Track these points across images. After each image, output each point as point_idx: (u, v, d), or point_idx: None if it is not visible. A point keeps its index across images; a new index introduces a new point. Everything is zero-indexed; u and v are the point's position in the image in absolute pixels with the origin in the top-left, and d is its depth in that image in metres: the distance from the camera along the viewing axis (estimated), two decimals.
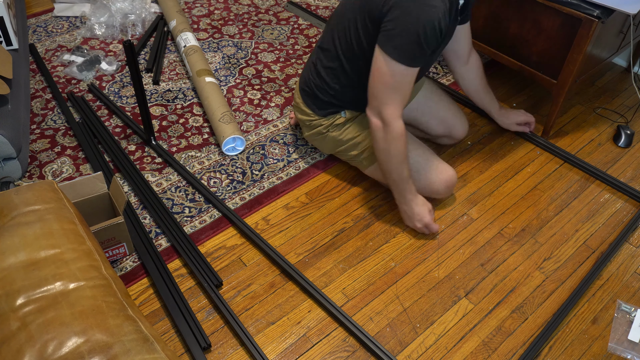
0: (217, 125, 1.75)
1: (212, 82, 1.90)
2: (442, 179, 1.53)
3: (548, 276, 1.46)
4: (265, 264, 1.46)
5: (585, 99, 2.07)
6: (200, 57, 2.01)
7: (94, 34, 2.25)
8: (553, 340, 1.32)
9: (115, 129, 1.83)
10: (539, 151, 1.83)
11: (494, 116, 1.83)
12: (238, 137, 1.74)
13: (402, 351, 1.29)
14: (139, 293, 1.37)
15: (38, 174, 1.66)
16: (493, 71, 2.17)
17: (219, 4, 2.53)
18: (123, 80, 2.04)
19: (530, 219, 1.61)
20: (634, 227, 1.59)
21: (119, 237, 1.37)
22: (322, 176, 1.71)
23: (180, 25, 2.19)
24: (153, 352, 0.90)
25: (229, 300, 1.37)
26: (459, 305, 1.39)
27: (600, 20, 1.55)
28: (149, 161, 1.72)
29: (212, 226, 1.54)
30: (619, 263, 1.50)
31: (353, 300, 1.39)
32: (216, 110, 1.78)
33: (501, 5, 1.80)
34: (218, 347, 1.27)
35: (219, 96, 1.84)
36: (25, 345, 0.86)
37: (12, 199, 1.08)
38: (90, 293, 0.95)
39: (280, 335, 1.31)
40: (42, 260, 0.98)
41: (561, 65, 1.71)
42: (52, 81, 1.99)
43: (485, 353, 1.29)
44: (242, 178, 1.69)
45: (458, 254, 1.51)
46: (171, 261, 1.45)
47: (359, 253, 1.50)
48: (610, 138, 1.90)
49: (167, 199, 1.60)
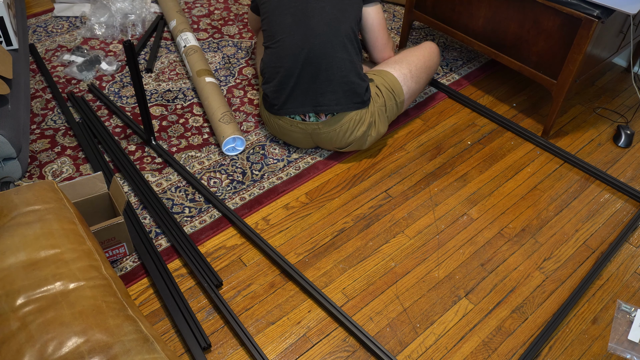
0: (217, 125, 1.75)
1: (212, 82, 1.90)
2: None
3: (548, 276, 1.46)
4: (265, 264, 1.46)
5: (585, 99, 2.07)
6: (200, 57, 2.01)
7: (94, 34, 2.25)
8: (553, 340, 1.32)
9: (115, 129, 1.83)
10: (539, 151, 1.83)
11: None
12: (238, 137, 1.74)
13: (402, 351, 1.29)
14: (139, 293, 1.37)
15: (38, 174, 1.66)
16: (493, 71, 2.17)
17: (219, 4, 2.53)
18: (123, 80, 2.04)
19: (530, 219, 1.61)
20: (634, 227, 1.59)
21: (119, 237, 1.37)
22: (322, 176, 1.71)
23: (180, 25, 2.19)
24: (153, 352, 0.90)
25: (229, 300, 1.37)
26: (459, 305, 1.39)
27: (600, 20, 1.55)
28: (149, 161, 1.72)
29: (212, 226, 1.54)
30: (619, 263, 1.50)
31: (353, 300, 1.39)
32: (216, 110, 1.78)
33: (501, 5, 1.80)
34: (218, 347, 1.27)
35: (219, 96, 1.84)
36: (25, 345, 0.86)
37: (12, 199, 1.08)
38: (90, 293, 0.95)
39: (280, 335, 1.31)
40: (42, 260, 0.98)
41: (561, 65, 1.71)
42: (52, 81, 1.99)
43: (485, 353, 1.29)
44: (242, 178, 1.69)
45: (458, 254, 1.51)
46: (171, 261, 1.45)
47: (359, 253, 1.50)
48: (610, 138, 1.90)
49: (167, 199, 1.60)
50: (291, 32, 1.60)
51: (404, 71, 1.75)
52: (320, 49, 1.58)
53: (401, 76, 1.74)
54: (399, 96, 1.73)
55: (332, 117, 1.63)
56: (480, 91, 2.07)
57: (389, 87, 1.71)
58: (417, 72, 1.78)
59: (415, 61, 1.79)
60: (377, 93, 1.69)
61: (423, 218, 1.60)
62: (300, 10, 1.61)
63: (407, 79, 1.75)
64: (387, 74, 1.73)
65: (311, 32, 1.59)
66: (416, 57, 1.81)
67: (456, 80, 2.11)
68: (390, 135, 1.86)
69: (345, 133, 1.65)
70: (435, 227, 1.57)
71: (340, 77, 1.59)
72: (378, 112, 1.68)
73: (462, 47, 2.29)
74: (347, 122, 1.63)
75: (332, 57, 1.59)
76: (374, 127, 1.69)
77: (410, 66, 1.77)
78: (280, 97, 1.64)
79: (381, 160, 1.77)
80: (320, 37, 1.58)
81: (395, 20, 2.45)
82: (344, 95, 1.60)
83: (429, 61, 1.84)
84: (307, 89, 1.61)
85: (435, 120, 1.93)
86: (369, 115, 1.65)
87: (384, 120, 1.72)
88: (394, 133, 1.87)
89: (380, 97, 1.69)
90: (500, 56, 1.89)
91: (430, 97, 2.02)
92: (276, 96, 1.65)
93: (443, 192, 1.68)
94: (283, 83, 1.62)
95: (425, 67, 1.82)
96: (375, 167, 1.75)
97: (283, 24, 1.62)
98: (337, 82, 1.59)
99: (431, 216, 1.60)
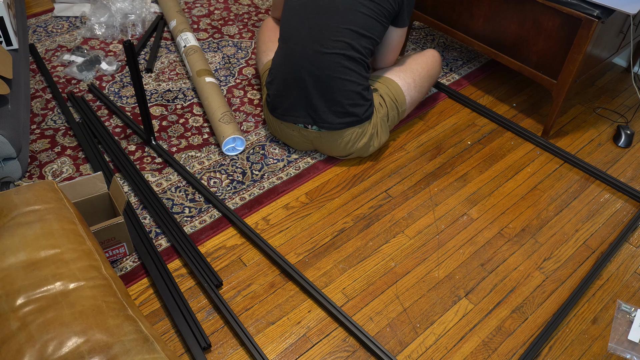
0: (217, 125, 1.75)
1: (212, 82, 1.90)
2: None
3: (548, 276, 1.46)
4: (265, 264, 1.46)
5: (585, 99, 2.07)
6: (200, 57, 2.01)
7: (94, 34, 2.25)
8: (553, 340, 1.32)
9: (115, 129, 1.83)
10: (539, 151, 1.83)
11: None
12: (238, 137, 1.74)
13: (402, 351, 1.29)
14: (139, 293, 1.37)
15: (38, 174, 1.66)
16: (493, 71, 2.17)
17: (219, 4, 2.53)
18: (123, 80, 2.04)
19: (530, 219, 1.61)
20: (634, 227, 1.59)
21: (119, 237, 1.37)
22: (322, 176, 1.71)
23: (180, 25, 2.19)
24: (153, 352, 0.90)
25: (229, 300, 1.37)
26: (459, 305, 1.39)
27: (600, 20, 1.55)
28: (149, 161, 1.72)
29: (212, 226, 1.54)
30: (619, 263, 1.50)
31: (353, 300, 1.39)
32: (216, 110, 1.78)
33: (501, 5, 1.80)
34: (218, 347, 1.27)
35: (219, 96, 1.84)
36: (25, 345, 0.86)
37: (12, 199, 1.08)
38: (90, 293, 0.95)
39: (280, 335, 1.31)
40: (42, 260, 0.98)
41: (561, 65, 1.71)
42: (52, 81, 1.99)
43: (485, 353, 1.29)
44: (242, 178, 1.69)
45: (458, 254, 1.51)
46: (171, 261, 1.45)
47: (359, 253, 1.50)
48: (610, 138, 1.90)
49: (167, 199, 1.60)
50: (304, 44, 1.57)
51: (408, 80, 1.74)
52: (330, 69, 1.55)
53: (405, 85, 1.73)
54: (402, 106, 1.73)
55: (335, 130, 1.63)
56: (480, 91, 2.07)
57: (392, 97, 1.70)
58: (420, 81, 1.78)
59: (419, 70, 1.79)
60: (381, 103, 1.68)
61: (423, 218, 1.60)
62: (318, 24, 1.57)
63: (410, 89, 1.75)
64: (392, 83, 1.72)
65: (323, 48, 1.55)
66: (420, 65, 1.80)
67: (456, 80, 2.11)
68: (391, 136, 1.86)
69: (347, 144, 1.65)
70: (435, 227, 1.57)
71: (346, 101, 1.58)
72: (380, 123, 1.68)
73: (462, 47, 2.29)
74: (349, 135, 1.63)
75: (342, 81, 1.56)
76: (376, 137, 1.69)
77: (414, 75, 1.76)
78: (283, 102, 1.64)
79: (381, 160, 1.77)
80: (332, 58, 1.55)
81: None
82: (347, 116, 1.60)
83: (432, 70, 1.84)
84: (311, 104, 1.60)
85: (435, 120, 1.93)
86: (371, 127, 1.65)
87: (386, 129, 1.72)
88: (394, 133, 1.87)
89: (384, 107, 1.68)
90: (500, 56, 1.89)
91: (430, 97, 2.02)
92: (279, 100, 1.65)
93: (443, 192, 1.68)
94: (288, 89, 1.62)
95: (428, 76, 1.81)
96: (375, 167, 1.75)
97: (300, 31, 1.59)
98: (342, 104, 1.58)
99: (431, 216, 1.60)
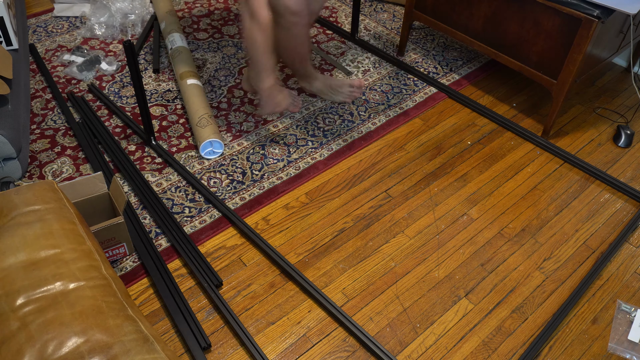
0: (195, 129, 1.74)
1: (194, 83, 1.86)
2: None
3: (548, 276, 1.46)
4: (265, 264, 1.46)
5: (585, 99, 2.07)
6: (184, 58, 1.98)
7: (94, 34, 2.25)
8: (553, 340, 1.32)
9: (115, 129, 1.83)
10: (539, 151, 1.83)
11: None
12: (215, 140, 1.72)
13: (402, 351, 1.29)
14: (139, 293, 1.37)
15: (38, 174, 1.66)
16: (493, 71, 2.17)
17: (219, 4, 2.53)
18: (123, 80, 2.04)
19: (530, 219, 1.61)
20: (634, 227, 1.59)
21: (119, 237, 1.37)
22: (322, 176, 1.71)
23: (168, 27, 2.15)
24: (153, 352, 0.90)
25: (229, 300, 1.37)
26: (459, 305, 1.39)
27: (600, 20, 1.55)
28: (149, 161, 1.72)
29: (212, 226, 1.54)
30: (619, 263, 1.50)
31: (353, 300, 1.39)
32: (194, 114, 1.76)
33: (501, 5, 1.80)
34: (218, 347, 1.28)
35: (199, 98, 1.81)
36: (25, 345, 0.86)
37: (12, 199, 1.08)
38: (90, 293, 0.95)
39: (280, 335, 1.31)
40: (42, 260, 0.98)
41: (561, 65, 1.71)
42: (52, 81, 1.99)
43: (485, 353, 1.29)
44: (242, 178, 1.69)
45: (458, 254, 1.51)
46: (171, 261, 1.45)
47: (359, 253, 1.50)
48: (610, 138, 1.90)
49: (167, 199, 1.60)
50: None
51: None
52: None
53: None
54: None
55: None
56: (480, 91, 2.07)
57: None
58: None
59: None
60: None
61: (423, 218, 1.60)
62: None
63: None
64: None
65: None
66: None
67: (456, 80, 2.11)
68: (391, 135, 1.86)
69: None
70: (435, 227, 1.57)
71: None
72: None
73: (462, 47, 2.29)
74: None
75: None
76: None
77: None
78: None
79: (381, 160, 1.77)
80: None
81: (395, 20, 2.45)
82: None
83: None
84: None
85: (435, 120, 1.93)
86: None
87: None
88: (394, 133, 1.87)
89: None
90: (500, 56, 1.89)
91: (430, 97, 2.02)
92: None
93: (443, 192, 1.68)
94: None
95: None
96: (375, 167, 1.75)
97: None
98: None
99: (431, 216, 1.60)
